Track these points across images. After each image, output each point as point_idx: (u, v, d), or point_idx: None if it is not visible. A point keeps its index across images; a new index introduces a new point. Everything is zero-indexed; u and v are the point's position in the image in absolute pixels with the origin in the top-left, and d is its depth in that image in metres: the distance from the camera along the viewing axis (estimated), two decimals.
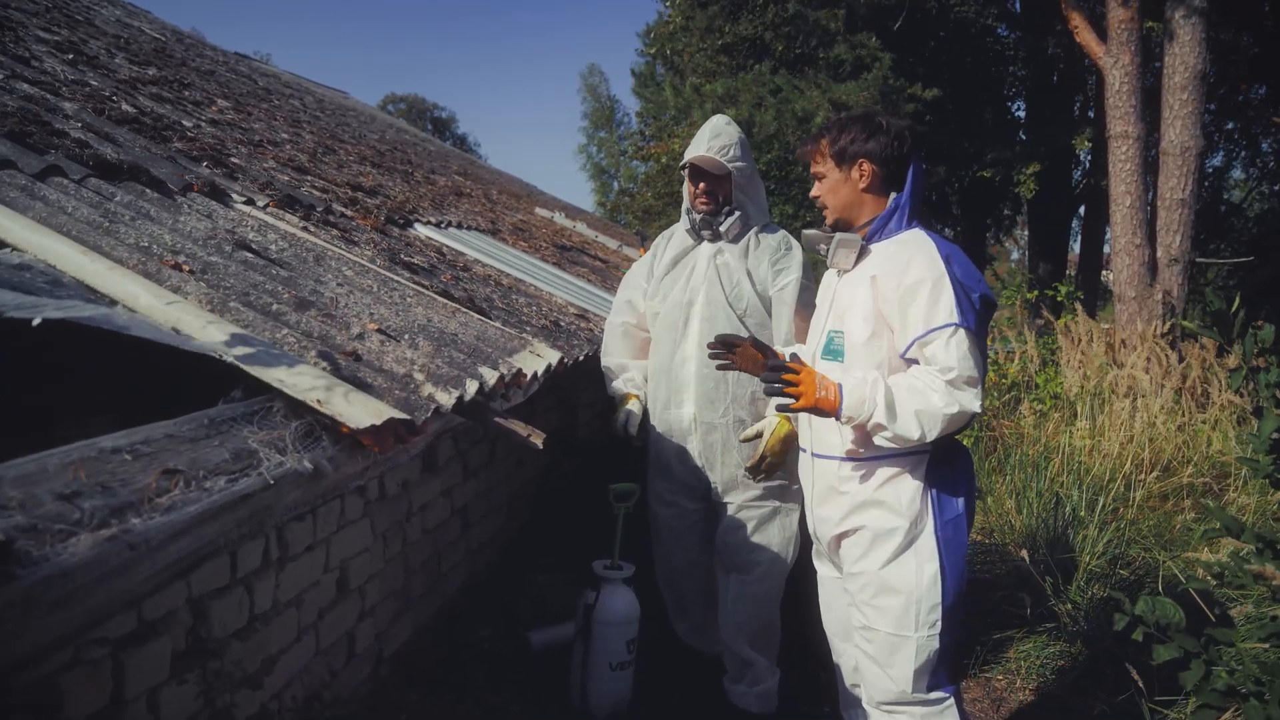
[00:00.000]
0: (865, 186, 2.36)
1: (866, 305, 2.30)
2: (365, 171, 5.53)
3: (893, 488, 2.29)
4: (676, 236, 3.19)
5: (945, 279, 2.19)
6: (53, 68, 3.71)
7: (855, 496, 2.34)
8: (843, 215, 2.41)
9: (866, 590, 2.33)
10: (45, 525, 1.01)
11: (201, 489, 1.24)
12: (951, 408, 2.13)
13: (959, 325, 2.15)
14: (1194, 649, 2.62)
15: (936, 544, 2.26)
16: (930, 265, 2.22)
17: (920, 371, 2.20)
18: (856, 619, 2.39)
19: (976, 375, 2.16)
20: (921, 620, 2.26)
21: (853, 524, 2.36)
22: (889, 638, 2.30)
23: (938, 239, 2.31)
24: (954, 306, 2.17)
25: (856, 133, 2.35)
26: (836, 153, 2.37)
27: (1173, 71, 7.78)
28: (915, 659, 2.27)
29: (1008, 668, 3.60)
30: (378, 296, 2.37)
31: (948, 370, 2.15)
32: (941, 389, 2.14)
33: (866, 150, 2.34)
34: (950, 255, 2.26)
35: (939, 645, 2.27)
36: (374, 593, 2.80)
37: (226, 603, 2.03)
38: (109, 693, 1.65)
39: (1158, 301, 7.78)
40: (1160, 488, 4.90)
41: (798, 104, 10.62)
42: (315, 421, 1.54)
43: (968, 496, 2.35)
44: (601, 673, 3.01)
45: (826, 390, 2.20)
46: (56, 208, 1.97)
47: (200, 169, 3.08)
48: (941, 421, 2.14)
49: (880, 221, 2.36)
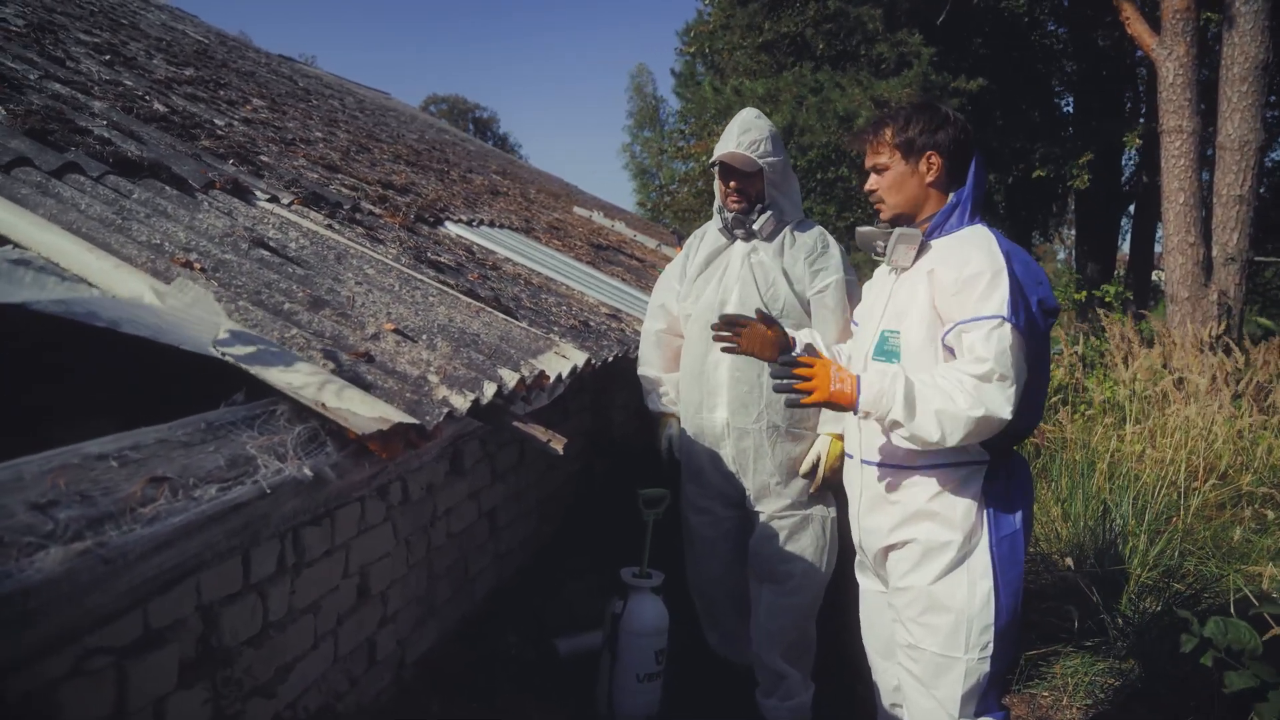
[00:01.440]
0: (932, 180, 2.24)
1: (924, 305, 2.17)
2: (399, 170, 5.50)
3: (947, 499, 2.15)
4: (709, 236, 3.09)
5: (1004, 273, 2.06)
6: (88, 68, 3.72)
7: (906, 507, 2.21)
8: (904, 211, 2.28)
9: (914, 606, 2.19)
10: (13, 538, 0.95)
11: (190, 498, 1.17)
12: (976, 410, 1.96)
13: (1006, 319, 2.01)
14: (1271, 678, 2.41)
15: (991, 561, 2.12)
16: (990, 259, 2.09)
17: (949, 369, 2.05)
18: (902, 636, 2.25)
19: (1011, 376, 1.99)
20: (972, 642, 2.12)
21: (902, 536, 2.22)
22: (936, 658, 2.16)
23: (1000, 236, 2.18)
24: (1005, 301, 2.02)
25: (925, 123, 2.22)
26: (903, 144, 2.23)
27: (1231, 62, 7.51)
28: (964, 682, 2.13)
29: (1053, 684, 3.45)
30: (398, 295, 2.31)
31: (981, 362, 1.99)
32: (969, 389, 1.97)
33: (935, 142, 2.21)
34: (1011, 253, 2.14)
35: (990, 669, 2.13)
36: (396, 598, 2.74)
37: (238, 609, 1.98)
38: (112, 703, 1.60)
39: (1213, 302, 7.52)
40: (1216, 496, 4.70)
41: (839, 103, 10.46)
42: (320, 426, 1.47)
43: (1025, 511, 2.21)
44: (629, 684, 2.92)
45: (842, 382, 2.05)
46: (69, 205, 1.93)
47: (226, 166, 3.05)
48: (964, 425, 1.97)
49: (941, 217, 2.24)
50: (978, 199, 2.25)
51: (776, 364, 2.13)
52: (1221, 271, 7.61)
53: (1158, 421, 5.34)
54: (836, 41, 11.85)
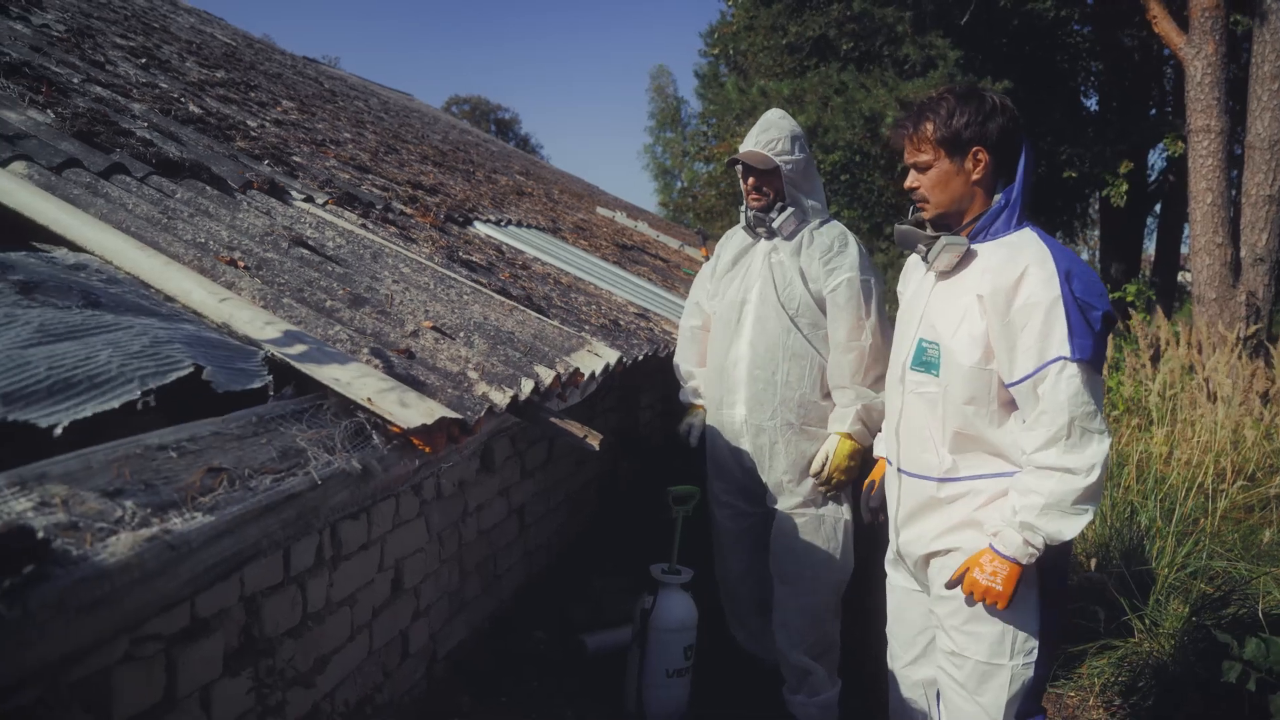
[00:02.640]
0: (979, 178, 2.10)
1: (975, 324, 2.07)
2: (426, 170, 5.55)
3: (993, 510, 2.11)
4: (737, 235, 3.13)
5: (1060, 303, 1.95)
6: (125, 71, 3.79)
7: (950, 516, 2.18)
8: (949, 210, 2.14)
9: (959, 615, 2.16)
10: (86, 524, 0.99)
11: (246, 488, 1.21)
12: (1077, 480, 1.94)
13: (1069, 359, 1.94)
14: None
15: (1037, 569, 2.08)
16: (1046, 285, 1.97)
17: (1023, 478, 2.04)
18: (944, 643, 2.23)
19: (1094, 409, 1.94)
20: (1018, 649, 2.11)
21: (946, 544, 2.19)
22: (981, 666, 2.14)
23: (1053, 245, 2.06)
24: (1066, 337, 1.94)
25: (971, 114, 2.05)
26: (948, 138, 2.08)
27: (1262, 60, 7.44)
28: (1009, 688, 2.12)
29: (1079, 684, 3.45)
30: (434, 294, 2.34)
31: (1058, 413, 1.95)
32: (1054, 473, 1.97)
33: (984, 135, 2.06)
34: (1071, 269, 2.00)
35: (1034, 674, 2.13)
36: (429, 593, 2.78)
37: (279, 601, 2.03)
38: (162, 689, 1.65)
39: (1240, 303, 7.45)
40: (1245, 499, 4.67)
41: (864, 103, 10.44)
42: (366, 420, 1.50)
43: None
44: (657, 679, 2.95)
45: (994, 575, 2.03)
46: (117, 204, 1.98)
47: (261, 167, 3.10)
48: (1081, 494, 1.96)
49: (987, 220, 2.11)
50: (1027, 199, 2.12)
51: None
52: (1250, 272, 7.54)
53: (1185, 423, 5.31)
54: (861, 42, 11.82)
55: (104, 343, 1.24)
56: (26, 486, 1.01)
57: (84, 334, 1.25)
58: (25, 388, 1.10)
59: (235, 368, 1.43)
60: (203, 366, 1.33)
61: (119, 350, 1.22)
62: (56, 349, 1.18)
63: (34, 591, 0.85)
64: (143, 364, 1.21)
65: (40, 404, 1.11)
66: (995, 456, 2.13)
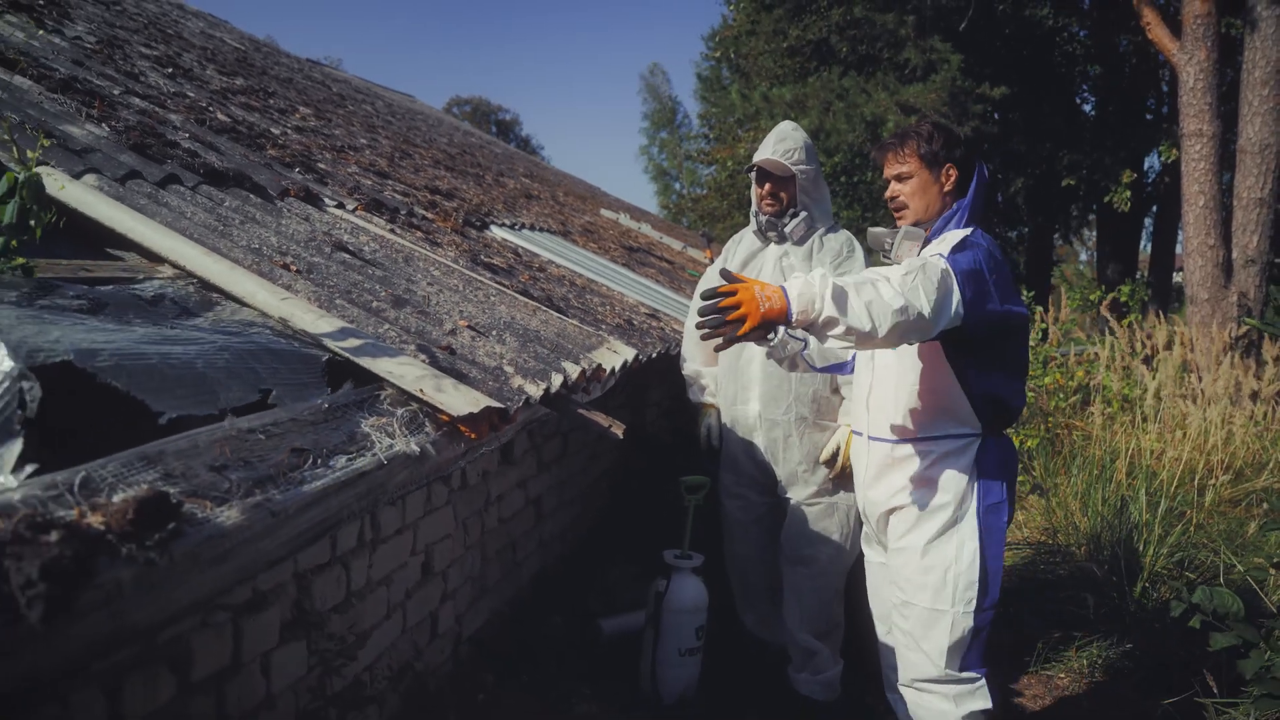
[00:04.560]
0: (949, 189, 2.50)
1: None
2: (440, 175, 5.72)
3: (943, 467, 2.41)
4: (746, 239, 3.29)
5: (965, 245, 2.30)
6: (155, 81, 3.95)
7: (906, 474, 2.46)
8: (924, 217, 2.52)
9: (909, 565, 2.44)
10: (203, 492, 1.16)
11: (326, 466, 1.37)
12: (897, 301, 2.04)
13: (944, 258, 2.22)
14: (1253, 638, 2.64)
15: (978, 525, 2.38)
16: (958, 239, 2.35)
17: (875, 269, 2.28)
18: (896, 596, 2.50)
19: (933, 285, 2.11)
20: (959, 596, 2.37)
21: (901, 500, 2.48)
22: (926, 612, 2.41)
23: (987, 242, 2.40)
24: (948, 251, 2.26)
25: (944, 140, 2.49)
26: (928, 155, 2.48)
27: (1253, 66, 7.62)
28: (950, 634, 2.38)
29: (1070, 666, 3.62)
30: (464, 295, 2.51)
31: (909, 267, 2.19)
32: (895, 281, 2.09)
33: (953, 156, 2.48)
34: (990, 255, 2.33)
35: (973, 624, 2.38)
36: (455, 577, 2.95)
37: (326, 579, 2.19)
38: (229, 654, 1.82)
39: (1232, 303, 7.63)
40: (1232, 494, 4.84)
41: (865, 108, 10.62)
42: (419, 410, 1.67)
43: (1008, 484, 2.46)
44: (671, 658, 3.12)
45: (769, 300, 1.99)
46: (178, 213, 2.15)
47: (293, 174, 3.27)
48: (891, 316, 2.02)
49: (943, 221, 2.48)
50: (975, 208, 2.49)
51: (701, 305, 2.03)
52: (1241, 273, 7.71)
53: (1176, 421, 5.48)
54: (860, 47, 12.00)
55: (200, 352, 1.41)
56: (151, 461, 1.18)
57: (183, 343, 1.42)
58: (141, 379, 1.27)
59: (301, 381, 1.60)
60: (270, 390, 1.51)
61: (211, 361, 1.40)
62: (163, 349, 1.36)
63: (176, 545, 1.02)
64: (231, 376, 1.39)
65: (154, 395, 1.29)
66: (946, 420, 2.41)
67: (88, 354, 1.25)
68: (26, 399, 1.08)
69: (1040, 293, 14.17)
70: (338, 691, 2.20)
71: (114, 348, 1.31)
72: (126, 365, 1.28)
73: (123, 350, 1.30)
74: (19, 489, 1.00)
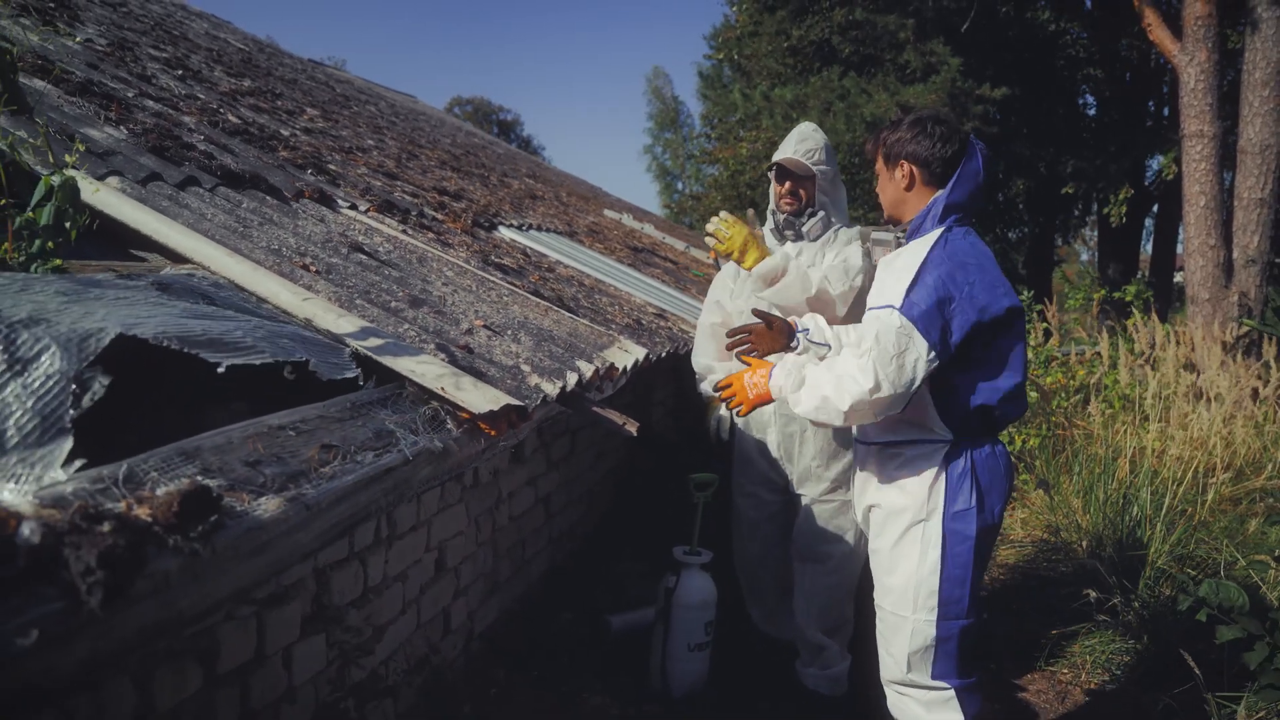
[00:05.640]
0: (906, 186, 2.43)
1: None
2: (447, 176, 5.76)
3: (907, 471, 2.37)
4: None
5: (920, 267, 2.24)
6: (167, 83, 3.99)
7: (878, 476, 2.46)
8: (892, 213, 2.51)
9: (878, 567, 2.45)
10: (240, 486, 1.20)
11: (354, 461, 1.41)
12: (844, 401, 2.20)
13: (896, 309, 2.20)
14: (1257, 631, 2.67)
15: (942, 533, 2.31)
16: (914, 253, 2.29)
17: (848, 354, 2.31)
18: (875, 594, 2.50)
19: (891, 355, 2.17)
20: (919, 604, 2.33)
21: (873, 500, 2.48)
22: (890, 616, 2.41)
23: (956, 243, 2.32)
24: (904, 293, 2.21)
25: (903, 134, 2.41)
26: (885, 152, 2.46)
27: (1253, 67, 7.66)
28: (910, 641, 2.35)
29: (1072, 662, 3.66)
30: (478, 295, 2.55)
31: (861, 344, 2.23)
32: (852, 367, 2.21)
33: (909, 152, 2.39)
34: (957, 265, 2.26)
35: (935, 633, 2.32)
36: (467, 574, 2.99)
37: (345, 574, 2.23)
38: (254, 647, 1.86)
39: (1233, 303, 7.67)
40: (1233, 492, 4.87)
41: (866, 108, 10.67)
42: (439, 407, 1.71)
43: (990, 495, 2.35)
44: (680, 653, 3.15)
45: (756, 386, 2.41)
46: (199, 215, 2.18)
47: (306, 176, 3.31)
48: (844, 414, 2.23)
49: (917, 221, 2.42)
50: (954, 205, 2.37)
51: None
52: (1242, 273, 7.75)
53: (1178, 420, 5.51)
54: (862, 47, 12.04)
55: (235, 325, 1.45)
56: (189, 456, 1.22)
57: (217, 319, 1.46)
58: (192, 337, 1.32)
59: (331, 361, 1.64)
60: (308, 359, 1.54)
61: (249, 333, 1.44)
62: (204, 323, 1.40)
63: (218, 537, 1.06)
64: (270, 344, 1.43)
65: (206, 349, 1.33)
66: (915, 426, 2.37)
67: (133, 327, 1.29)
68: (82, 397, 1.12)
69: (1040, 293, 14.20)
70: (356, 683, 2.24)
71: (156, 321, 1.35)
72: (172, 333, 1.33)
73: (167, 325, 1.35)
74: (69, 482, 1.04)
